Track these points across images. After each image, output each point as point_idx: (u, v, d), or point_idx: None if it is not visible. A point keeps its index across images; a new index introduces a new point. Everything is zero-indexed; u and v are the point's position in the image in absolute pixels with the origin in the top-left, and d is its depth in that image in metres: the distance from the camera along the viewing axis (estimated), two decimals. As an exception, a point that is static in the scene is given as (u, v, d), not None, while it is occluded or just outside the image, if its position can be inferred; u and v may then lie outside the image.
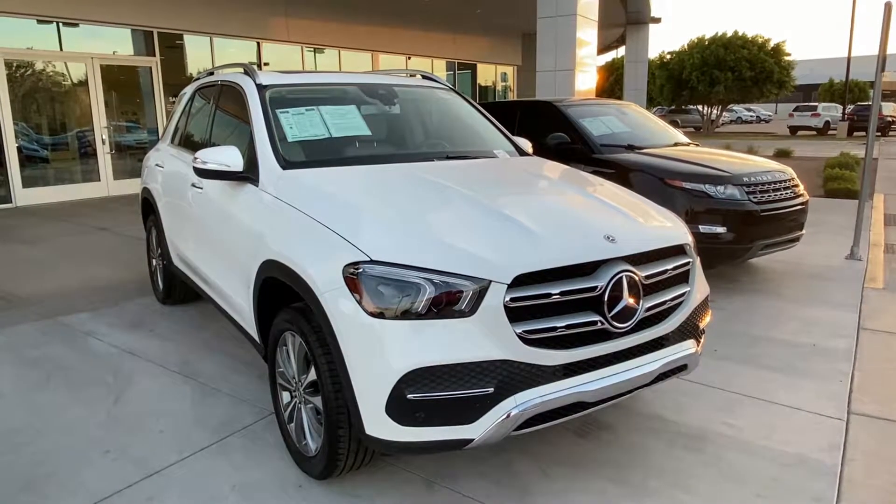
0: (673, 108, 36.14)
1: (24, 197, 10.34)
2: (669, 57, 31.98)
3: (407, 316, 2.12)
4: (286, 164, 3.01)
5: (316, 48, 15.36)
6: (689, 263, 2.66)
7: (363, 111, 3.63)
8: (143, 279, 5.56)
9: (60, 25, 10.68)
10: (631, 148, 5.73)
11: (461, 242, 2.25)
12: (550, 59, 9.67)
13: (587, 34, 9.88)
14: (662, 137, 6.29)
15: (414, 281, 2.12)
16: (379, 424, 2.16)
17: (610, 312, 2.28)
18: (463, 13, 16.95)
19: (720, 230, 4.85)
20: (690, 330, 2.65)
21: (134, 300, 5.09)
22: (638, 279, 2.35)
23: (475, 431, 2.14)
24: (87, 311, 4.83)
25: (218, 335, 4.27)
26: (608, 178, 3.59)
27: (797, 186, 5.37)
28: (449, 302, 2.12)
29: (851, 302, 4.78)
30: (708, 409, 3.18)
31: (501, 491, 2.52)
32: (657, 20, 20.48)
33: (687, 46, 30.76)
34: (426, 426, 2.14)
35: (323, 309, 2.26)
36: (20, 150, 10.32)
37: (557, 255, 2.25)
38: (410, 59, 18.11)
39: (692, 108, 35.16)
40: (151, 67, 11.95)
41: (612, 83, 37.30)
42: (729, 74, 28.36)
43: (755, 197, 4.95)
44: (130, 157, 11.80)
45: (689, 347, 2.62)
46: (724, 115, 35.69)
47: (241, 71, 3.72)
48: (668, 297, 2.50)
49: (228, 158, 3.06)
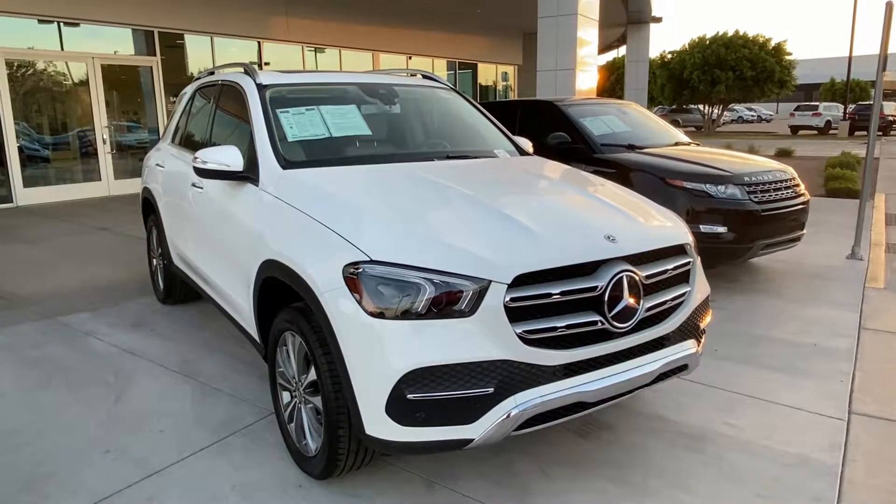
0: (674, 107, 36.13)
1: (24, 196, 10.35)
2: (670, 56, 31.96)
3: (407, 316, 2.11)
4: (286, 163, 3.01)
5: (317, 48, 15.37)
6: (689, 263, 2.65)
7: (363, 111, 3.62)
8: (143, 279, 5.57)
9: (61, 25, 10.69)
10: (632, 147, 5.73)
11: (461, 242, 2.25)
12: (551, 58, 9.67)
13: (588, 34, 9.88)
14: (663, 137, 6.28)
15: (414, 281, 2.12)
16: (379, 424, 2.16)
17: (610, 312, 2.27)
18: (463, 13, 16.95)
19: (721, 230, 4.84)
20: (691, 330, 2.65)
21: (134, 300, 5.09)
22: (638, 279, 2.35)
23: (475, 431, 2.14)
24: (87, 310, 4.83)
25: (218, 335, 4.27)
26: (609, 177, 3.59)
27: (798, 186, 5.37)
28: (449, 302, 2.11)
29: (852, 302, 4.78)
30: (708, 409, 3.17)
31: (501, 491, 2.52)
32: (658, 19, 20.48)
33: (688, 46, 30.74)
34: (426, 426, 2.14)
35: (323, 309, 2.25)
36: (21, 149, 10.33)
37: (558, 255, 2.25)
38: (411, 58, 18.12)
39: (693, 107, 35.16)
40: (152, 67, 11.96)
41: (613, 83, 37.29)
42: (730, 74, 28.34)
43: (756, 196, 4.95)
44: (131, 156, 11.81)
45: (689, 347, 2.62)
46: (725, 114, 35.67)
47: (241, 70, 3.72)
48: (668, 296, 2.50)
49: (228, 158, 3.06)
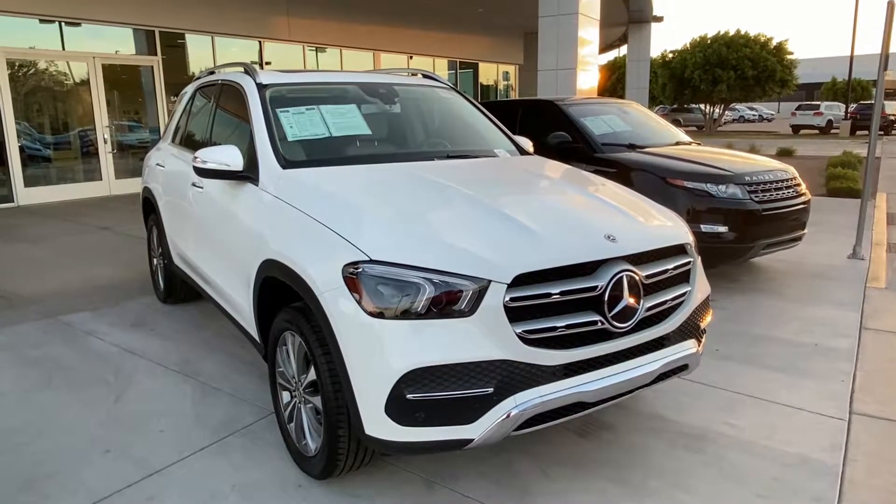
0: (675, 107, 36.10)
1: (26, 196, 10.36)
2: (672, 56, 31.92)
3: (406, 316, 2.11)
4: (286, 163, 3.00)
5: (318, 47, 15.37)
6: (689, 263, 2.65)
7: (363, 110, 3.62)
8: (144, 278, 5.57)
9: (62, 25, 10.69)
10: (632, 147, 5.72)
11: (461, 242, 2.25)
12: (552, 58, 9.66)
13: (589, 33, 9.87)
14: (664, 136, 6.28)
15: (413, 280, 2.12)
16: (378, 424, 2.16)
17: (610, 312, 2.27)
18: (464, 12, 16.94)
19: (722, 229, 4.84)
20: (691, 329, 2.64)
21: (135, 299, 5.10)
22: (638, 279, 2.35)
23: (475, 431, 2.13)
24: (88, 310, 4.83)
25: (218, 334, 4.27)
26: (610, 177, 3.59)
27: (799, 185, 5.36)
28: (448, 302, 2.11)
29: (854, 301, 4.77)
30: (709, 408, 3.17)
31: (501, 491, 2.51)
32: (659, 19, 20.48)
33: (689, 45, 30.71)
34: (426, 426, 2.14)
35: (322, 309, 2.25)
36: (22, 149, 10.33)
37: (557, 254, 2.25)
38: (412, 58, 18.11)
39: (694, 107, 35.13)
40: (153, 67, 11.96)
41: (614, 82, 37.25)
42: (731, 73, 28.30)
43: (757, 196, 4.94)
44: (132, 156, 11.82)
45: (689, 347, 2.61)
46: (726, 114, 35.62)
47: (241, 70, 3.72)
48: (668, 296, 2.50)
49: (228, 158, 3.06)
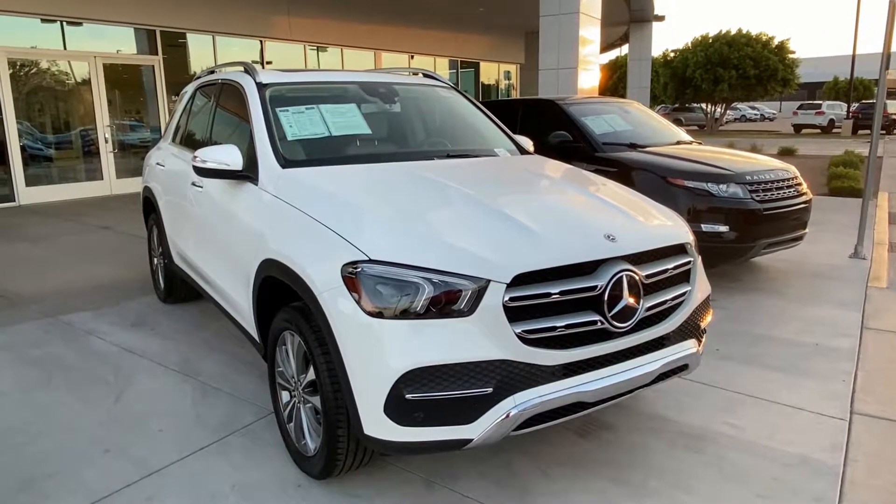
0: (676, 106, 36.09)
1: (27, 195, 10.37)
2: (673, 55, 31.92)
3: (406, 315, 2.11)
4: (286, 162, 3.00)
5: (319, 47, 15.37)
6: (689, 262, 2.64)
7: (363, 110, 3.62)
8: (144, 278, 5.57)
9: (64, 24, 10.70)
10: (633, 146, 5.71)
11: (460, 242, 2.24)
12: (553, 57, 9.65)
13: (590, 32, 9.86)
14: (665, 136, 6.27)
15: (413, 280, 2.11)
16: (377, 424, 2.15)
17: (610, 312, 2.26)
18: (465, 12, 16.93)
19: (723, 229, 4.83)
20: (691, 329, 2.64)
21: (135, 299, 5.10)
22: (638, 278, 2.34)
23: (474, 431, 2.13)
24: (88, 309, 4.83)
25: (218, 334, 4.27)
26: (610, 176, 3.58)
27: (800, 185, 5.35)
28: (448, 301, 2.11)
29: (855, 301, 4.76)
30: (709, 408, 3.16)
31: (501, 491, 2.51)
32: (661, 18, 20.45)
33: (691, 44, 30.69)
34: (425, 426, 2.13)
35: (322, 308, 2.25)
36: (24, 148, 10.35)
37: (557, 254, 2.24)
38: (413, 57, 18.10)
39: (696, 106, 35.12)
40: (154, 66, 11.97)
41: (615, 81, 37.21)
42: (733, 72, 28.28)
43: (758, 195, 4.93)
44: (133, 155, 11.82)
45: (690, 347, 2.61)
46: (727, 113, 35.60)
47: (241, 69, 3.71)
48: (668, 296, 2.49)
49: (228, 157, 3.05)
